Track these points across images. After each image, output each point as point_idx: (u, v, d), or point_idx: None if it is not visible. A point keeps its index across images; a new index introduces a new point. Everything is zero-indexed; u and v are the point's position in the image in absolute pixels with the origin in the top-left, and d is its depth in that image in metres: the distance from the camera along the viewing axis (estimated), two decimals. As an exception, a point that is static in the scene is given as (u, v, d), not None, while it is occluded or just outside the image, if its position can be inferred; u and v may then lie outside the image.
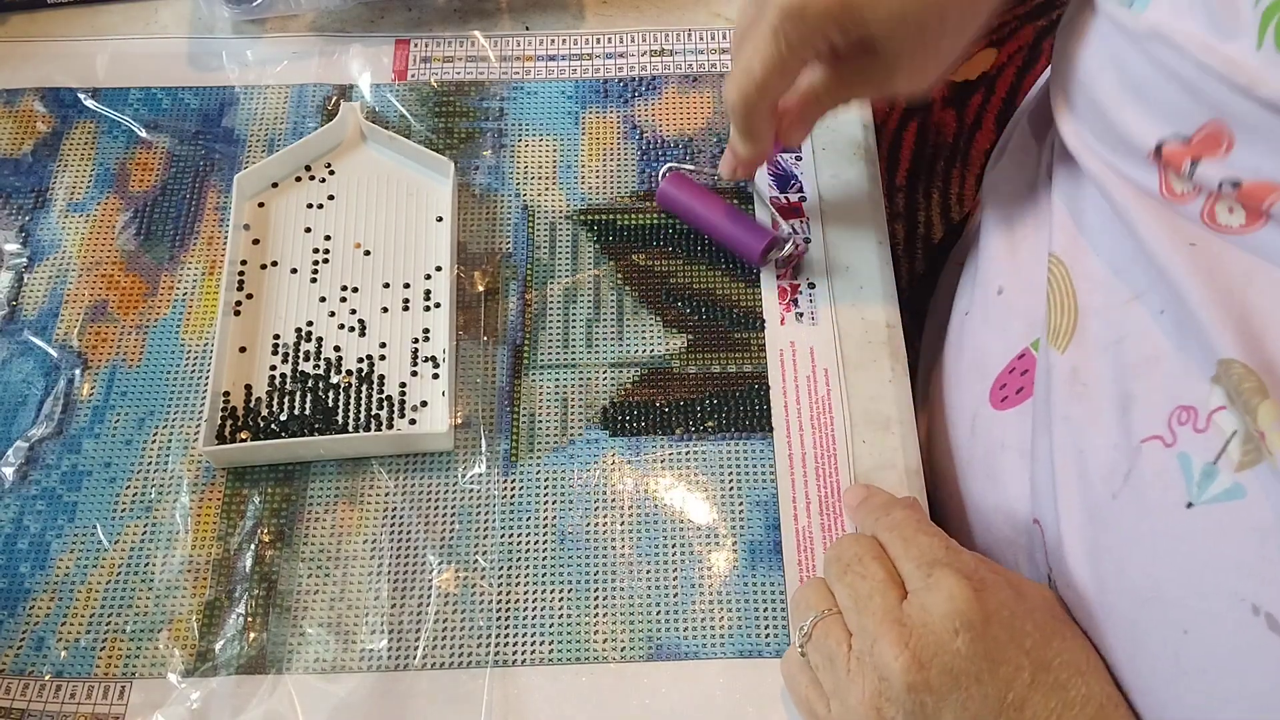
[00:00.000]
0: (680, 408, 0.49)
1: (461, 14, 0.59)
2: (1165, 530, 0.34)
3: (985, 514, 0.46)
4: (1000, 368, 0.47)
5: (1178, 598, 0.34)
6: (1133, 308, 0.38)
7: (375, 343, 0.50)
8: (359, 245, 0.52)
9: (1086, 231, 0.42)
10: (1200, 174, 0.35)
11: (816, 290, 0.51)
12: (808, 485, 0.47)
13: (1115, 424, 0.37)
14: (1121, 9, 0.40)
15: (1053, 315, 0.42)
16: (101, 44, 0.58)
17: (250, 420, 0.48)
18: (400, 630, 0.44)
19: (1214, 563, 0.33)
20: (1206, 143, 0.36)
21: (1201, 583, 0.33)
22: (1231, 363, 0.33)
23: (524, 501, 0.47)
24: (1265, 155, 0.34)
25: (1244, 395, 0.32)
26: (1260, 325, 0.33)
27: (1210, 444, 0.33)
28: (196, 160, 0.55)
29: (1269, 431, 0.31)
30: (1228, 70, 0.34)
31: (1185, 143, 0.36)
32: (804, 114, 0.47)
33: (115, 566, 0.45)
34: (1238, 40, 0.34)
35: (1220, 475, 0.33)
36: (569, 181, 0.55)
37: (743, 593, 0.45)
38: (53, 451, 0.47)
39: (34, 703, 0.42)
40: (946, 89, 0.88)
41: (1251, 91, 0.33)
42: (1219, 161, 0.35)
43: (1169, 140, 0.37)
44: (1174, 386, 0.36)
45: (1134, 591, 0.36)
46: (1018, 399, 0.45)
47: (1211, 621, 0.33)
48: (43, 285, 0.51)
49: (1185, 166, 0.36)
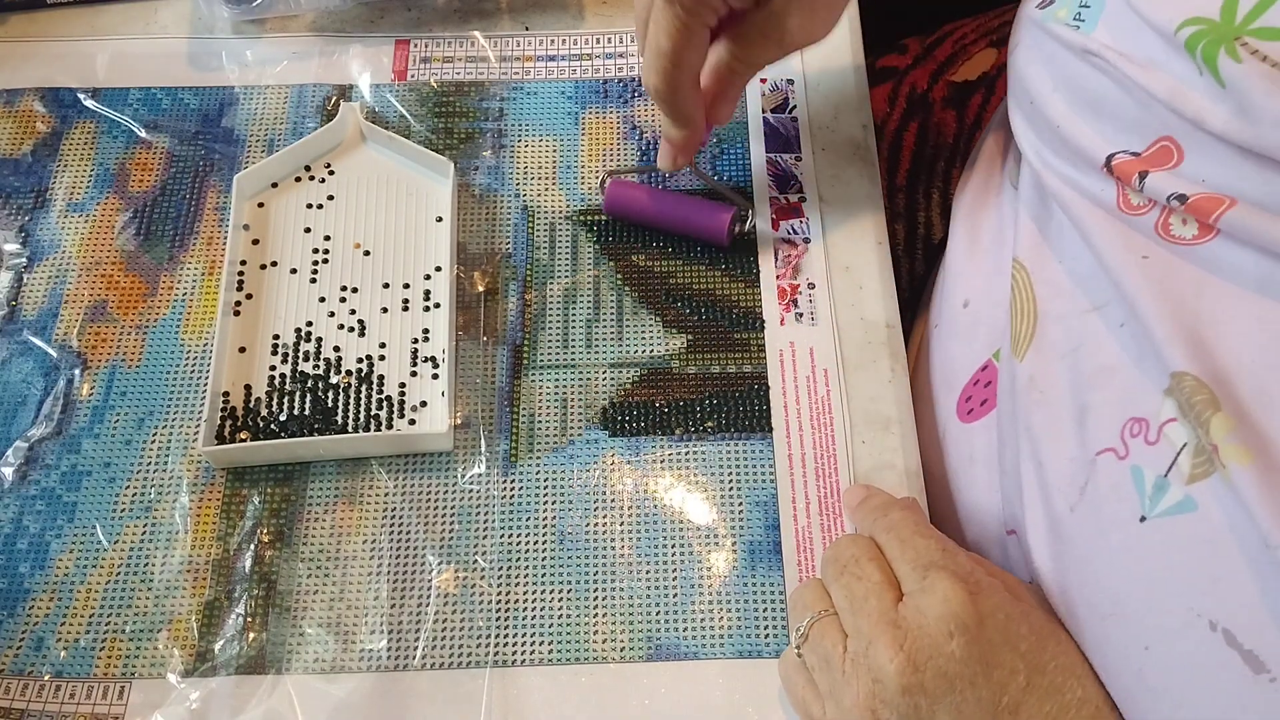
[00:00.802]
0: (680, 408, 0.49)
1: (461, 14, 0.59)
2: (1121, 544, 0.34)
3: (963, 524, 0.47)
4: (965, 380, 0.47)
5: (1137, 613, 0.34)
6: (1092, 318, 0.38)
7: (375, 343, 0.50)
8: (359, 245, 0.52)
9: (1050, 239, 0.42)
10: (1150, 186, 0.35)
11: (816, 290, 0.51)
12: (808, 485, 0.47)
13: (1072, 435, 0.37)
14: (1068, 30, 0.40)
15: (1014, 322, 0.42)
16: (101, 44, 0.58)
17: (250, 420, 0.47)
18: (400, 630, 0.44)
19: (1169, 577, 0.33)
20: (1157, 156, 0.36)
21: (1159, 598, 0.33)
22: (1184, 375, 0.33)
23: (524, 501, 0.47)
24: (1213, 167, 0.34)
25: (1196, 408, 0.32)
26: (1212, 338, 0.33)
27: (1162, 456, 0.33)
28: (196, 160, 0.55)
29: (1221, 444, 0.31)
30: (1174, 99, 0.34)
31: (1136, 156, 0.36)
32: (722, 89, 0.47)
33: (115, 566, 0.45)
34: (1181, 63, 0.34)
35: (1172, 488, 0.33)
36: (569, 182, 0.55)
37: (742, 593, 0.45)
38: (52, 451, 0.47)
39: (34, 703, 0.42)
40: (947, 90, 0.88)
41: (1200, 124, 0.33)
42: (1169, 173, 0.35)
43: (1119, 154, 0.37)
44: (1128, 398, 0.35)
45: (1096, 606, 0.35)
46: (982, 411, 0.45)
47: (1171, 637, 0.33)
48: (42, 285, 0.51)
49: (1135, 180, 0.36)
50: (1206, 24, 0.33)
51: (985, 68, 0.73)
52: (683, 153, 0.49)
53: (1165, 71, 0.35)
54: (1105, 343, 0.37)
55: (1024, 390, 0.40)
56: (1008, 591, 0.37)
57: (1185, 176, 0.35)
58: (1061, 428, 0.38)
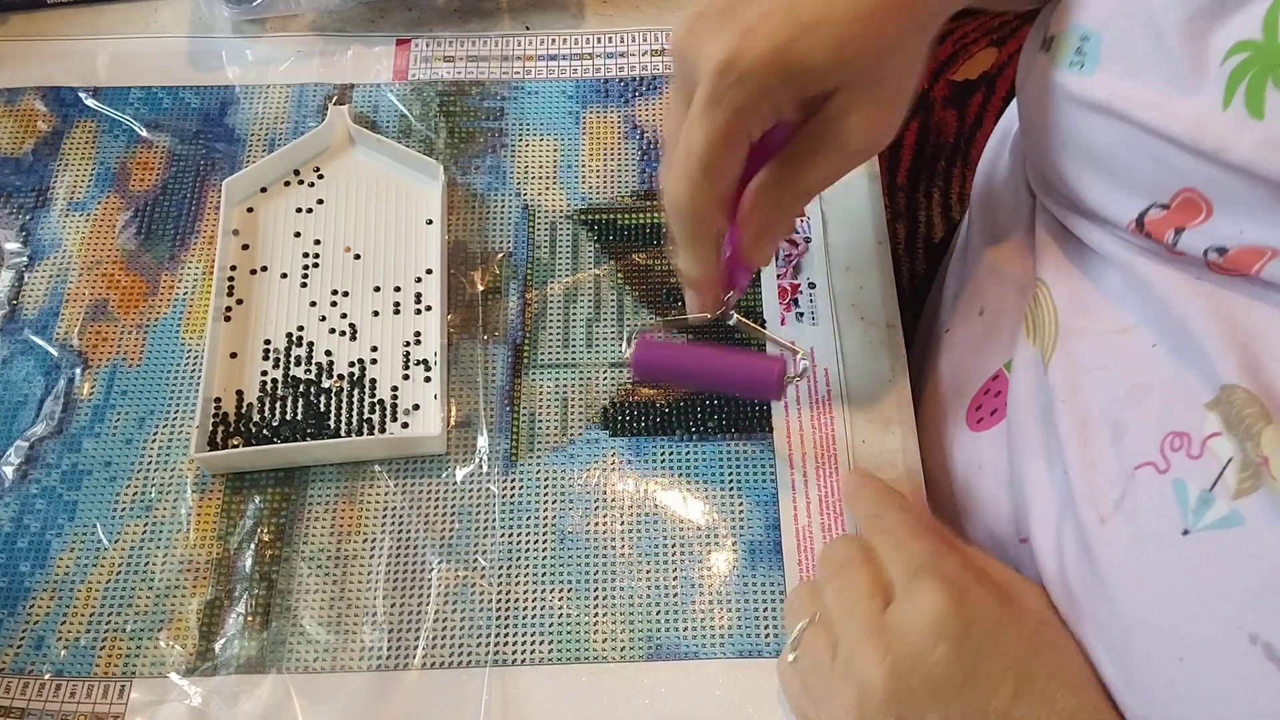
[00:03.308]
0: (680, 408, 0.49)
1: (461, 14, 0.59)
2: (1160, 557, 0.34)
3: (969, 531, 0.46)
4: (976, 389, 0.47)
5: (1173, 625, 0.33)
6: (1122, 338, 0.38)
7: (366, 347, 0.50)
8: (349, 249, 0.52)
9: (1071, 258, 0.41)
10: (1184, 243, 0.35)
11: (816, 290, 0.51)
12: (808, 485, 0.47)
13: (1106, 448, 0.37)
14: (1070, 74, 0.38)
15: (1033, 335, 0.42)
16: (102, 43, 0.58)
17: (242, 426, 0.47)
18: (400, 629, 0.44)
19: (1211, 591, 0.32)
20: (1184, 209, 0.35)
21: (1198, 610, 0.33)
22: (1234, 388, 0.32)
23: (524, 501, 0.47)
24: (1246, 221, 0.33)
25: (1246, 421, 0.32)
26: (1262, 352, 0.33)
27: (1206, 470, 0.33)
28: (197, 160, 0.55)
29: (1272, 457, 0.31)
30: (1192, 135, 0.33)
31: (1165, 209, 0.35)
32: (765, 224, 0.40)
33: (115, 565, 0.45)
34: (1199, 96, 0.33)
35: (1217, 503, 0.33)
36: (569, 181, 0.55)
37: (742, 593, 0.45)
38: (53, 450, 0.47)
39: (34, 701, 0.42)
40: (947, 89, 0.88)
41: (1220, 156, 0.32)
42: (1200, 230, 0.34)
43: (1149, 211, 0.36)
44: (1166, 413, 0.35)
45: (1125, 616, 0.35)
46: (992, 421, 0.45)
47: (1208, 650, 0.32)
48: (43, 284, 0.51)
49: (1169, 236, 0.35)
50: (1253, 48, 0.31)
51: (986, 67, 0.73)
52: (705, 294, 0.43)
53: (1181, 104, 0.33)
54: (1139, 361, 0.37)
55: (1043, 404, 0.40)
56: (997, 597, 0.37)
57: (1217, 234, 0.34)
58: (1091, 440, 0.37)
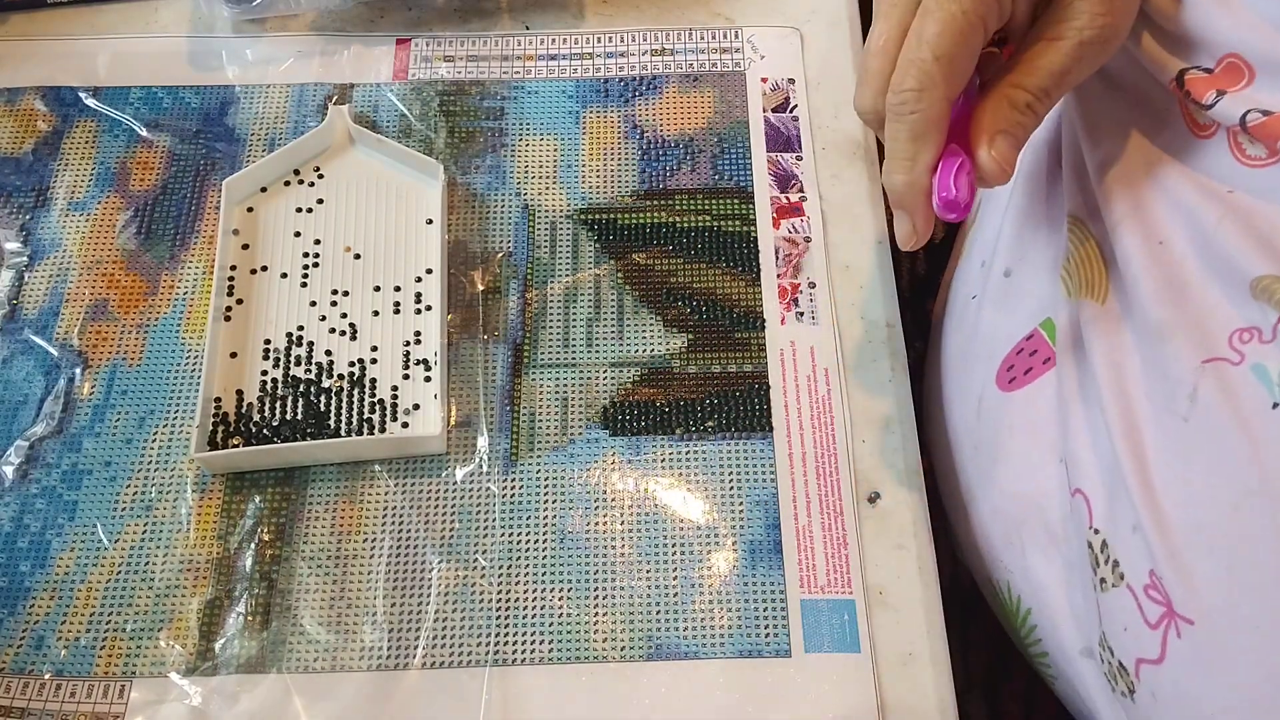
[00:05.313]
0: (680, 407, 0.49)
1: (461, 14, 0.59)
2: (1257, 432, 0.35)
3: (992, 497, 0.46)
4: (1008, 349, 0.47)
5: None
6: (1162, 250, 0.38)
7: (366, 346, 0.50)
8: (349, 249, 0.52)
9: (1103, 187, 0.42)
10: (1222, 107, 0.36)
11: (816, 290, 0.51)
12: (808, 485, 0.47)
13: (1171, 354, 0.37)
14: None
15: (1080, 271, 0.42)
16: (102, 43, 0.58)
17: (242, 426, 0.47)
18: (400, 629, 0.44)
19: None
20: (1228, 73, 0.36)
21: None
22: (1262, 278, 0.34)
23: (524, 501, 0.47)
24: None
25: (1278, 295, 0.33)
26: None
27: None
28: (197, 159, 0.55)
29: None
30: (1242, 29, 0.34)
31: (1209, 73, 0.37)
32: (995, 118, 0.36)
33: (115, 565, 0.45)
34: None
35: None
36: (569, 181, 0.55)
37: (743, 593, 0.45)
38: (53, 450, 0.47)
39: (34, 701, 0.42)
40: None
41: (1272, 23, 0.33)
42: (1241, 95, 0.35)
43: (1191, 70, 0.37)
44: (1220, 314, 0.36)
45: (1229, 491, 0.35)
46: (1026, 379, 0.45)
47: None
48: (43, 284, 0.51)
49: (1210, 97, 0.36)
50: None
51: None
52: (916, 213, 0.38)
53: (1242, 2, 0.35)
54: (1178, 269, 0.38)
55: (1102, 333, 0.41)
56: None
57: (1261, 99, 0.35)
58: (1153, 352, 0.38)
